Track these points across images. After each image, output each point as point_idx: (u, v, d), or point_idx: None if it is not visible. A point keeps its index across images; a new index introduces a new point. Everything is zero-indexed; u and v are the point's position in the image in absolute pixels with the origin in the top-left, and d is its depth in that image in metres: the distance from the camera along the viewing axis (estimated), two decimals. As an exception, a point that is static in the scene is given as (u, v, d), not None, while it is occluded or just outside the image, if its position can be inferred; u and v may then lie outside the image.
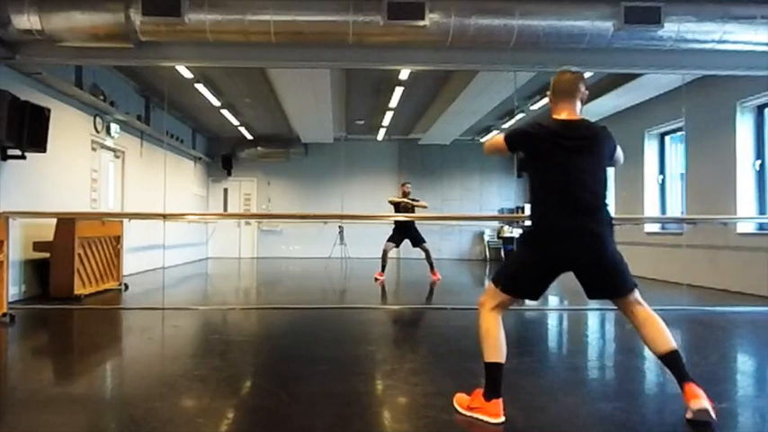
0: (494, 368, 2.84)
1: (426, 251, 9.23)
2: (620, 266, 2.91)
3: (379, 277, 9.11)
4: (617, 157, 3.07)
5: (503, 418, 2.79)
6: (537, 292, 2.97)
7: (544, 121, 2.96)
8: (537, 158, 2.93)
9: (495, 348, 2.86)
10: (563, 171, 2.84)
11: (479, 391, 2.88)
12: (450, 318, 6.47)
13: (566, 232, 2.81)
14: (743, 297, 7.54)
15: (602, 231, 2.84)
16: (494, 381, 2.83)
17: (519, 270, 2.96)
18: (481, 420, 2.81)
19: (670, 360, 2.82)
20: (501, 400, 2.82)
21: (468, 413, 2.89)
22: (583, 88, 2.99)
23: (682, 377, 2.78)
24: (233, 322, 6.19)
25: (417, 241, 9.19)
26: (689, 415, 2.75)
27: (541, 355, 4.66)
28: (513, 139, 2.99)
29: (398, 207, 9.33)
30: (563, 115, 2.95)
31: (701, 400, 2.69)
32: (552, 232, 2.85)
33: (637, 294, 2.94)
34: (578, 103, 2.97)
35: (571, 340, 5.57)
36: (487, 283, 3.41)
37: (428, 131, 13.21)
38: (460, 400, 2.98)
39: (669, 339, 2.82)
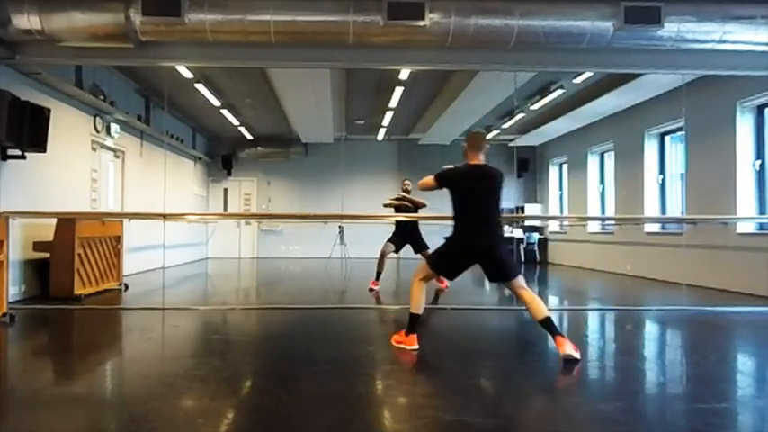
0: (414, 317, 4.41)
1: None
2: (506, 260, 4.33)
3: (373, 287, 8.09)
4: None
5: (417, 346, 4.33)
6: (454, 274, 4.56)
7: (460, 166, 4.41)
8: (455, 191, 4.39)
9: (418, 305, 4.41)
10: (469, 199, 4.33)
11: (403, 332, 4.44)
12: (451, 318, 6.47)
13: (469, 237, 4.29)
14: (743, 297, 7.53)
15: (492, 238, 4.31)
16: (413, 324, 4.41)
17: (443, 258, 4.45)
18: (405, 348, 4.34)
19: (545, 324, 4.12)
20: (416, 335, 4.38)
21: (396, 344, 4.44)
22: (486, 144, 4.47)
23: (553, 333, 4.10)
24: (233, 322, 6.19)
25: (420, 247, 8.05)
26: (562, 356, 4.00)
27: (541, 355, 4.66)
28: (441, 178, 4.41)
29: (398, 208, 8.28)
30: (473, 162, 4.38)
31: (566, 349, 3.99)
32: (462, 237, 4.32)
33: (520, 281, 4.24)
34: (482, 154, 4.39)
35: (571, 340, 5.55)
36: (486, 283, 4.75)
37: (428, 131, 13.21)
38: (394, 338, 4.51)
39: (544, 312, 4.15)
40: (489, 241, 4.25)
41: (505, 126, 12.59)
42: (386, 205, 8.43)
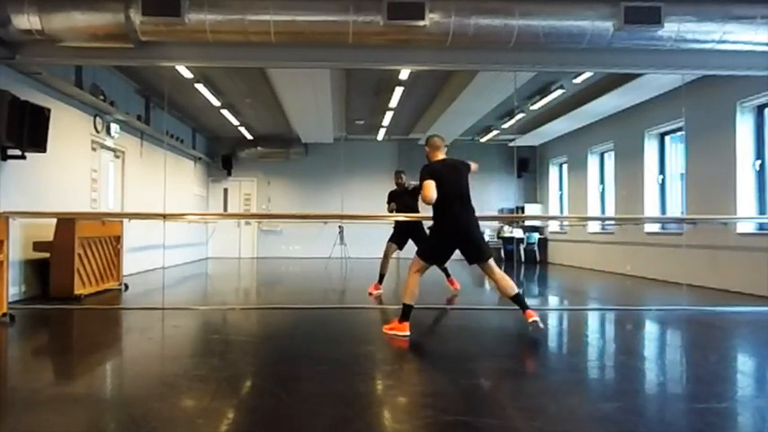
0: (408, 307, 4.81)
1: None
2: (480, 243, 4.97)
3: (373, 291, 7.71)
4: (472, 169, 5.14)
5: (408, 333, 4.74)
6: (443, 260, 5.26)
7: (430, 163, 5.04)
8: (438, 181, 4.82)
9: (412, 296, 4.83)
10: (447, 187, 4.84)
11: (396, 319, 4.87)
12: (451, 318, 6.47)
13: (452, 223, 4.86)
14: (743, 297, 7.53)
15: (469, 220, 4.92)
16: (406, 313, 4.80)
17: (434, 248, 5.04)
18: (397, 335, 4.74)
19: (515, 299, 4.84)
20: (409, 323, 4.78)
21: (389, 331, 4.84)
22: (444, 143, 5.16)
23: (522, 308, 4.82)
24: (233, 322, 6.19)
25: (422, 242, 6.95)
26: (530, 327, 4.74)
27: (542, 356, 4.66)
28: (427, 176, 4.86)
29: (397, 204, 7.76)
30: (440, 157, 5.08)
31: (533, 318, 4.72)
32: (445, 224, 4.89)
33: (491, 262, 4.88)
34: (443, 150, 5.10)
35: (571, 340, 5.56)
36: (486, 284, 5.00)
37: (428, 131, 13.20)
38: (385, 327, 4.96)
39: (514, 289, 4.86)
40: (468, 226, 4.89)
41: (505, 126, 12.59)
42: (390, 210, 7.96)
